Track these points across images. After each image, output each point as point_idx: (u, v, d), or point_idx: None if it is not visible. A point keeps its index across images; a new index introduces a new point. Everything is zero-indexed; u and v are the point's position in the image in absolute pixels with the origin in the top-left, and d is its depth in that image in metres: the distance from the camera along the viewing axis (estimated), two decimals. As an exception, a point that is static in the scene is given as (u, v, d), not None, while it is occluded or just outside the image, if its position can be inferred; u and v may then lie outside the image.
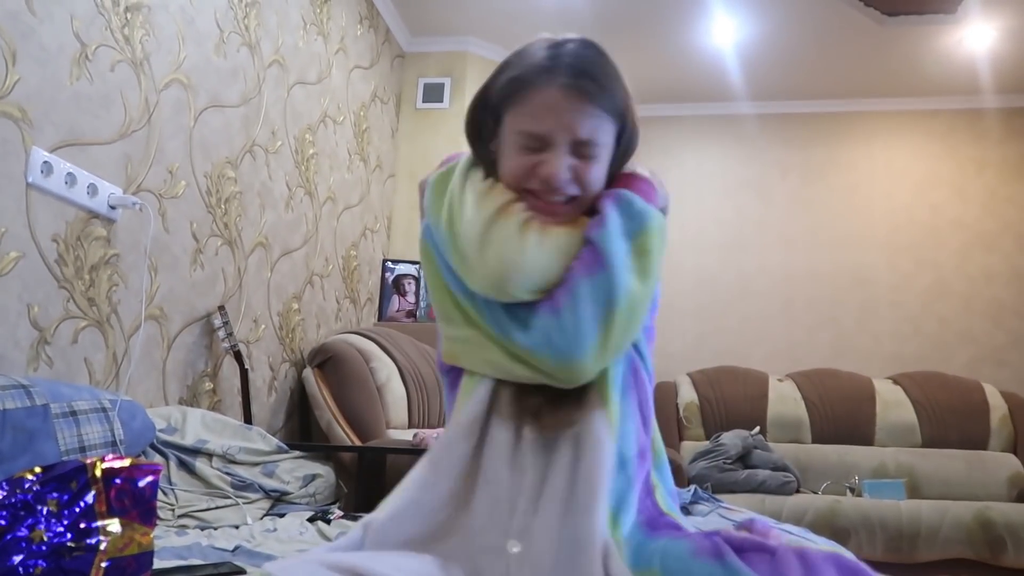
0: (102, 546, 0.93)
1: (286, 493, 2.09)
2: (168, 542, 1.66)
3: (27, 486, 0.91)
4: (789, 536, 0.93)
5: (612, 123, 0.99)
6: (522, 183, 0.98)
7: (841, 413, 3.81)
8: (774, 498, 3.15)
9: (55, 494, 0.93)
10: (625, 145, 1.02)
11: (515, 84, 0.98)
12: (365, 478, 2.32)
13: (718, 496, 2.23)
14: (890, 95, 4.50)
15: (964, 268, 4.37)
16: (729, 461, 3.36)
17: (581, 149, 0.96)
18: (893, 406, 3.80)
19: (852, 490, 3.44)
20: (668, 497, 1.05)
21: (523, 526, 0.93)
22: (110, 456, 1.00)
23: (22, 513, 0.89)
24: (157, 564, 1.48)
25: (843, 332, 4.42)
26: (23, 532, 0.88)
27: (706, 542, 0.90)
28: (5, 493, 0.90)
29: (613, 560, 0.91)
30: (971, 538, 2.96)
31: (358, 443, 2.71)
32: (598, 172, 0.99)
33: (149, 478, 1.01)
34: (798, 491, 3.35)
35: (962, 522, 2.98)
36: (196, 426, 2.13)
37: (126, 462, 0.99)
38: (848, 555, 0.83)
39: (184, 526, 1.86)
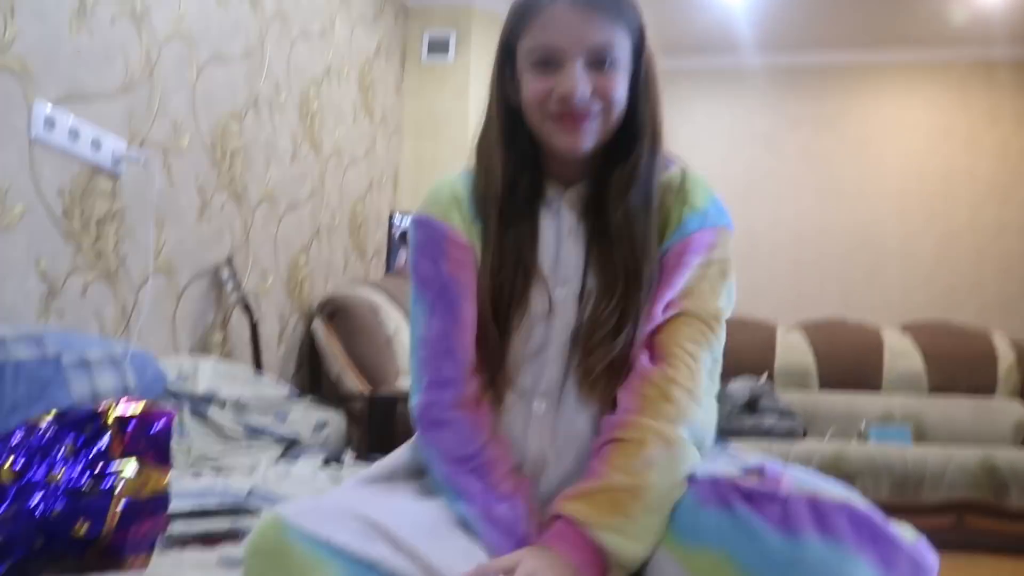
0: (118, 488, 0.95)
1: (298, 440, 2.13)
2: (183, 485, 1.69)
3: (42, 430, 0.94)
4: (800, 480, 0.93)
5: (627, 37, 0.97)
6: (544, 108, 0.96)
7: (849, 363, 3.82)
8: (780, 444, 3.18)
9: (70, 438, 0.95)
10: (646, 68, 1.00)
11: (522, 9, 0.96)
12: (375, 427, 2.35)
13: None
14: (903, 46, 4.41)
15: (976, 220, 4.33)
16: (737, 408, 3.39)
17: (597, 58, 0.94)
18: (901, 355, 3.81)
19: (858, 436, 3.47)
20: None
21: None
22: (124, 400, 1.02)
23: (38, 456, 0.91)
24: (173, 506, 1.51)
25: (853, 284, 4.41)
26: (40, 475, 0.90)
27: (712, 491, 0.89)
28: (21, 437, 0.92)
29: None
30: (976, 483, 2.99)
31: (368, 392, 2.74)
32: (620, 85, 0.97)
33: (163, 422, 1.03)
34: (804, 436, 3.38)
35: (967, 467, 3.01)
36: (207, 375, 2.16)
37: (139, 406, 1.01)
38: (860, 502, 0.83)
39: (199, 471, 1.90)
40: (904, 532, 0.80)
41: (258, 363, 2.59)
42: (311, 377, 3.13)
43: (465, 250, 1.03)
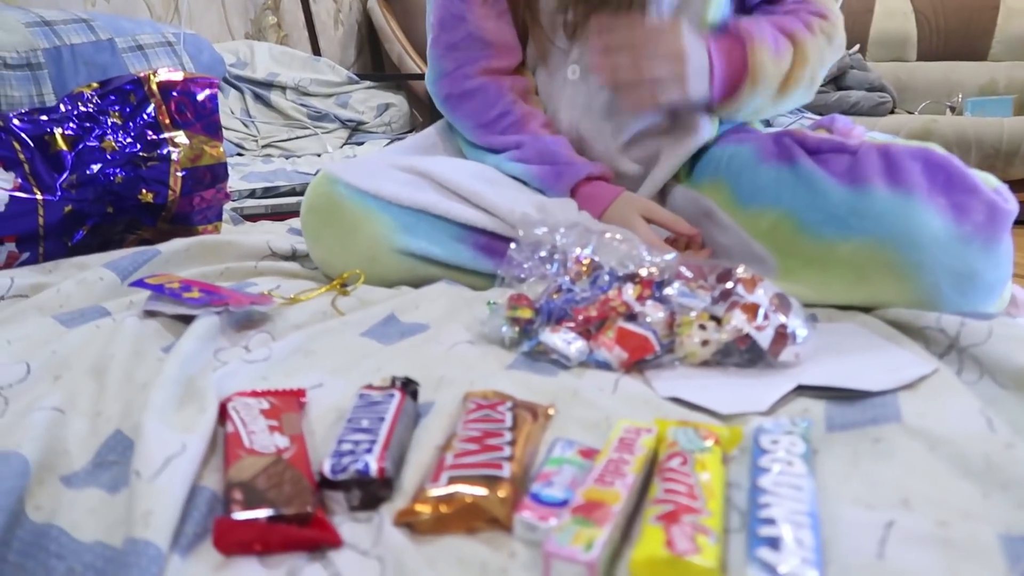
0: (174, 156, 0.96)
1: (362, 123, 2.12)
2: (255, 168, 1.74)
3: (87, 98, 0.93)
4: (874, 137, 0.86)
5: None
6: None
7: (955, 26, 3.44)
8: (866, 119, 3.01)
9: (116, 107, 0.94)
10: None
11: None
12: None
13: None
14: None
15: None
16: (822, 82, 3.18)
17: None
18: (1019, 15, 3.39)
19: (952, 109, 3.25)
20: None
21: None
22: (165, 69, 0.99)
23: (87, 124, 0.91)
24: (246, 185, 1.57)
25: (974, -69, 3.81)
26: (94, 142, 0.91)
27: (774, 147, 0.84)
28: (68, 107, 0.92)
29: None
30: (1075, 154, 2.82)
31: (431, 75, 2.66)
32: None
33: (207, 91, 1.00)
34: (892, 112, 3.18)
35: (1069, 138, 2.82)
36: (265, 59, 2.11)
37: (180, 75, 0.99)
38: (939, 150, 0.76)
39: (269, 155, 1.94)
40: (985, 179, 0.74)
41: (315, 48, 2.51)
42: (373, 60, 3.04)
43: None
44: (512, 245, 0.77)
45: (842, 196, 0.74)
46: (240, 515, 0.44)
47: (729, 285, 0.68)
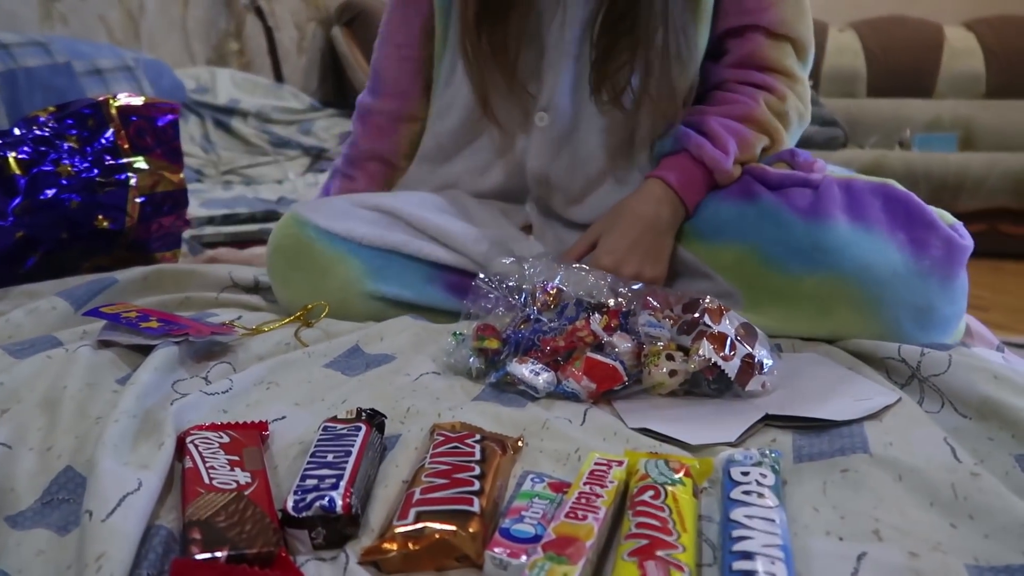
0: (132, 181, 0.94)
1: (324, 150, 2.10)
2: (215, 195, 1.72)
3: (42, 122, 0.90)
4: (835, 171, 0.87)
5: None
6: None
7: (903, 64, 3.57)
8: (819, 153, 3.08)
9: (74, 131, 0.92)
10: None
11: None
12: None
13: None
14: None
15: None
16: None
17: None
18: (962, 55, 3.53)
19: (901, 144, 3.35)
20: None
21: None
22: (125, 94, 0.97)
23: (43, 148, 0.89)
24: (205, 212, 1.54)
25: (919, -25, 3.97)
26: (49, 167, 0.88)
27: (735, 185, 0.85)
28: (23, 131, 0.89)
29: None
30: (1017, 188, 2.92)
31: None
32: None
33: (168, 117, 0.99)
34: (844, 147, 3.27)
35: (1011, 172, 2.92)
36: (227, 85, 2.09)
37: (141, 100, 0.97)
38: (898, 186, 0.78)
39: (229, 181, 1.92)
40: (942, 215, 0.76)
41: (278, 75, 2.50)
42: (337, 88, 3.03)
43: None
44: (480, 275, 0.76)
45: (804, 231, 0.75)
46: (199, 556, 0.42)
47: (696, 315, 0.69)
